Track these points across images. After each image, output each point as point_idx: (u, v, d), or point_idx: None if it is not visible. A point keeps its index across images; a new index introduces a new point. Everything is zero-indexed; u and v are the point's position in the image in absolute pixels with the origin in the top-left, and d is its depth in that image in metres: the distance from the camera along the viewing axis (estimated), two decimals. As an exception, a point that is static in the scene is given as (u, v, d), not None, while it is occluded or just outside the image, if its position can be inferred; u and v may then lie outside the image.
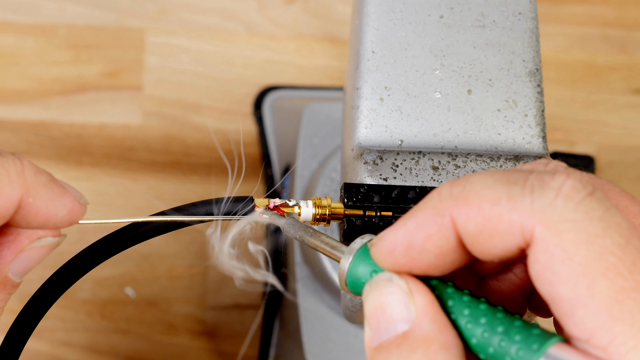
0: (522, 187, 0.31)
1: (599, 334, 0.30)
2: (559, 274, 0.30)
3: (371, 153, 0.46)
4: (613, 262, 0.30)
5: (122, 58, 0.79)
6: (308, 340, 0.68)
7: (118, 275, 0.73)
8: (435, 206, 0.33)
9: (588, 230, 0.30)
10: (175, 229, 0.44)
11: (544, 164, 0.34)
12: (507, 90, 0.48)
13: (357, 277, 0.35)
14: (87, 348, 0.72)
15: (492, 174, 0.32)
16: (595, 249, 0.30)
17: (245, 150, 0.78)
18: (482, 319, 0.32)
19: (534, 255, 0.31)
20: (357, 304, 0.48)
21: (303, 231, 0.40)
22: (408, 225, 0.33)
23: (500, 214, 0.31)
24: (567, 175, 0.31)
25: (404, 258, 0.33)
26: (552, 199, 0.31)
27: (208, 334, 0.73)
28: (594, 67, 0.84)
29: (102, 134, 0.76)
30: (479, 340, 0.32)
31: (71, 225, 0.40)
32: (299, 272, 0.70)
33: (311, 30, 0.82)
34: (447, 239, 0.32)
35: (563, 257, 0.30)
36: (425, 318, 0.32)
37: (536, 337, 0.31)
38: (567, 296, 0.30)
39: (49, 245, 0.40)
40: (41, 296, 0.42)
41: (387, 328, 0.33)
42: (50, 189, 0.38)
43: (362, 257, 0.35)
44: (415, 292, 0.33)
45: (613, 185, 0.34)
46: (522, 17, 0.50)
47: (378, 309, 0.33)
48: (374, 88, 0.48)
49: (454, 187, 0.33)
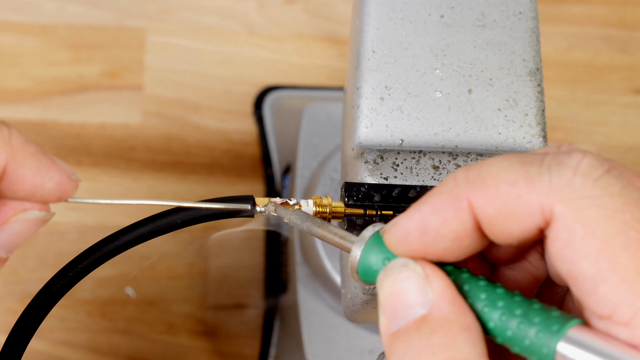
0: (539, 167, 0.31)
1: (621, 308, 0.29)
2: (579, 250, 0.30)
3: (372, 152, 0.46)
4: (634, 237, 0.30)
5: (122, 58, 0.79)
6: (308, 340, 0.68)
7: (118, 275, 0.73)
8: (451, 191, 0.32)
9: (608, 206, 0.30)
10: (176, 229, 0.44)
11: (556, 147, 0.35)
12: (508, 90, 0.48)
13: (369, 266, 0.35)
14: (88, 348, 0.72)
15: (507, 157, 0.32)
16: (615, 224, 0.30)
17: (246, 150, 0.78)
18: (499, 302, 0.32)
19: (554, 234, 0.31)
20: (358, 303, 0.48)
21: (310, 222, 0.39)
22: (423, 211, 0.33)
23: (519, 194, 0.31)
24: (584, 153, 0.32)
25: (418, 243, 0.33)
26: (570, 176, 0.31)
27: (208, 334, 0.73)
28: (595, 67, 0.84)
29: (102, 133, 0.76)
30: (496, 323, 0.32)
31: (61, 201, 0.38)
32: (299, 272, 0.70)
33: (311, 30, 0.82)
34: (464, 223, 0.32)
35: (584, 234, 0.30)
36: (443, 301, 0.32)
37: (556, 319, 0.31)
38: (588, 272, 0.30)
39: (36, 219, 0.38)
40: (43, 296, 0.42)
41: (405, 313, 0.33)
42: (37, 159, 0.37)
43: (374, 245, 0.35)
44: (432, 276, 0.33)
45: (627, 168, 0.34)
46: (523, 17, 0.50)
47: (394, 295, 0.33)
48: (375, 87, 0.48)
49: (469, 172, 0.32)
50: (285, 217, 0.41)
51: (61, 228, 0.73)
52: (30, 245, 0.73)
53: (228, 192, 0.76)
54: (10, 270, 0.72)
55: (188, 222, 0.43)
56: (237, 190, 0.77)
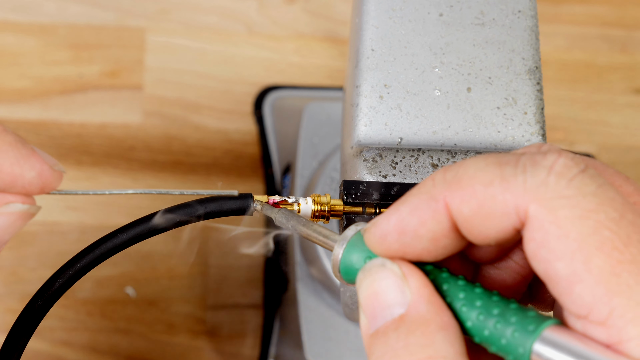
0: (514, 167, 0.31)
1: (597, 308, 0.29)
2: (554, 250, 0.30)
3: (370, 150, 0.46)
4: (608, 237, 0.30)
5: (122, 57, 0.79)
6: (308, 339, 0.68)
7: (118, 275, 0.73)
8: (428, 191, 0.33)
9: (582, 206, 0.30)
10: (176, 227, 0.44)
11: (537, 146, 0.35)
12: (507, 88, 0.48)
13: (351, 265, 0.35)
14: (87, 347, 0.71)
15: (484, 157, 0.32)
16: (589, 224, 0.30)
17: (246, 150, 0.78)
18: (477, 301, 0.32)
19: (529, 234, 0.31)
20: (357, 301, 0.48)
21: (296, 221, 0.40)
22: (401, 211, 0.33)
23: (494, 195, 0.31)
24: (559, 153, 0.31)
25: (396, 243, 0.33)
26: (544, 176, 0.31)
27: (208, 334, 0.73)
28: (594, 67, 0.84)
29: (103, 133, 0.76)
30: (474, 323, 0.32)
31: (44, 192, 0.37)
32: (299, 272, 0.70)
33: (311, 30, 0.82)
34: (441, 223, 0.32)
35: (558, 234, 0.30)
36: (420, 300, 0.32)
37: (532, 319, 0.31)
38: (563, 273, 0.30)
39: (20, 212, 0.37)
40: (42, 296, 0.42)
41: (383, 313, 0.33)
42: (16, 148, 0.36)
43: (356, 244, 0.35)
44: (409, 275, 0.33)
45: (607, 167, 0.34)
46: (522, 15, 0.50)
47: (372, 295, 0.33)
48: (374, 86, 0.48)
49: (447, 172, 0.33)
50: (271, 215, 0.42)
51: (61, 228, 0.73)
52: (30, 245, 0.73)
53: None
54: (10, 270, 0.72)
55: (187, 221, 0.43)
56: (237, 190, 0.76)
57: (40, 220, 0.73)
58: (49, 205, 0.74)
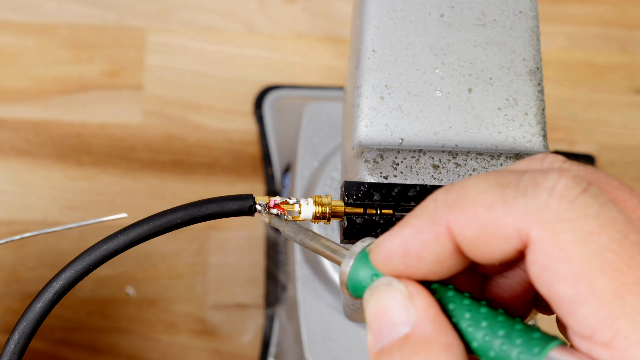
0: (515, 190, 0.31)
1: (601, 330, 0.29)
2: (557, 273, 0.30)
3: (372, 151, 0.46)
4: (611, 259, 0.30)
5: (122, 57, 0.79)
6: (308, 339, 0.68)
7: (118, 275, 0.73)
8: (431, 213, 0.33)
9: (584, 228, 0.30)
10: (176, 228, 0.43)
11: (540, 159, 0.34)
12: (508, 89, 0.48)
13: (358, 281, 0.35)
14: (88, 347, 0.72)
15: (485, 178, 0.32)
16: (592, 247, 0.30)
17: (246, 149, 0.78)
18: (483, 322, 0.32)
19: (531, 257, 0.31)
20: (357, 301, 0.48)
21: (303, 235, 0.40)
22: (404, 233, 0.33)
23: (496, 218, 0.31)
24: (560, 173, 0.31)
25: (401, 265, 0.33)
26: (545, 199, 0.31)
27: (208, 333, 0.73)
28: (595, 67, 0.84)
29: (103, 133, 0.76)
30: (480, 343, 0.32)
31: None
32: (299, 272, 0.70)
33: (312, 30, 0.82)
34: (444, 246, 0.32)
35: (560, 257, 0.30)
36: (426, 320, 0.32)
37: (537, 340, 0.31)
38: (567, 295, 0.30)
39: None
40: (43, 296, 0.42)
41: (389, 332, 0.33)
42: None
43: (363, 260, 0.35)
44: (415, 295, 0.33)
45: (611, 178, 0.34)
46: (523, 16, 0.50)
47: (379, 313, 0.33)
48: (375, 87, 0.48)
49: (448, 194, 0.32)
50: (279, 228, 0.42)
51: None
52: (30, 245, 0.73)
53: (228, 191, 0.76)
54: (10, 269, 0.72)
55: (188, 221, 0.43)
56: (237, 190, 0.77)
57: (40, 220, 0.73)
58: (49, 205, 0.74)
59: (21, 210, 0.74)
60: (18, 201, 0.74)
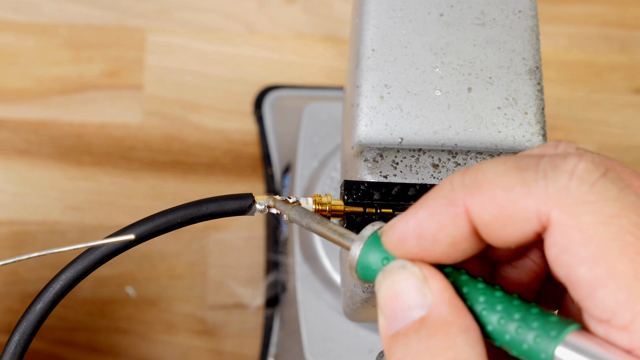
0: (535, 172, 0.31)
1: (620, 313, 0.29)
2: (577, 256, 0.30)
3: (371, 151, 0.46)
4: (631, 242, 0.30)
5: (122, 57, 0.79)
6: (308, 339, 0.68)
7: (118, 275, 0.73)
8: (447, 195, 0.32)
9: (604, 211, 0.30)
10: (176, 228, 0.44)
11: (553, 146, 0.34)
12: (507, 88, 0.48)
13: (368, 265, 0.35)
14: (87, 347, 0.72)
15: (503, 160, 0.32)
16: (612, 229, 0.30)
17: (246, 149, 0.78)
18: (498, 305, 0.32)
19: (551, 239, 0.31)
20: (358, 301, 0.48)
21: (310, 218, 0.39)
22: (420, 215, 0.33)
23: (515, 200, 0.31)
24: (579, 157, 0.31)
25: (415, 247, 0.33)
26: (566, 182, 0.31)
27: (208, 333, 0.73)
28: (595, 67, 0.84)
29: (103, 133, 0.76)
30: (495, 327, 0.32)
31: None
32: (299, 271, 0.70)
33: (311, 30, 0.82)
34: (461, 228, 0.32)
35: (581, 239, 0.30)
36: (442, 302, 0.32)
37: (554, 324, 0.31)
38: (586, 278, 0.30)
39: None
40: (44, 297, 0.42)
41: (403, 315, 0.33)
42: None
43: (373, 244, 0.34)
44: (430, 278, 0.33)
45: (624, 167, 0.34)
46: (522, 15, 0.50)
47: (392, 296, 0.33)
48: (374, 86, 0.48)
49: (465, 176, 0.32)
50: (284, 212, 0.41)
51: (61, 228, 0.73)
52: (30, 245, 0.73)
53: (228, 191, 0.76)
54: (10, 270, 0.72)
55: (188, 221, 0.43)
56: (237, 190, 0.77)
57: (40, 220, 0.74)
58: (49, 205, 0.74)
59: (21, 210, 0.74)
60: (18, 201, 0.74)
